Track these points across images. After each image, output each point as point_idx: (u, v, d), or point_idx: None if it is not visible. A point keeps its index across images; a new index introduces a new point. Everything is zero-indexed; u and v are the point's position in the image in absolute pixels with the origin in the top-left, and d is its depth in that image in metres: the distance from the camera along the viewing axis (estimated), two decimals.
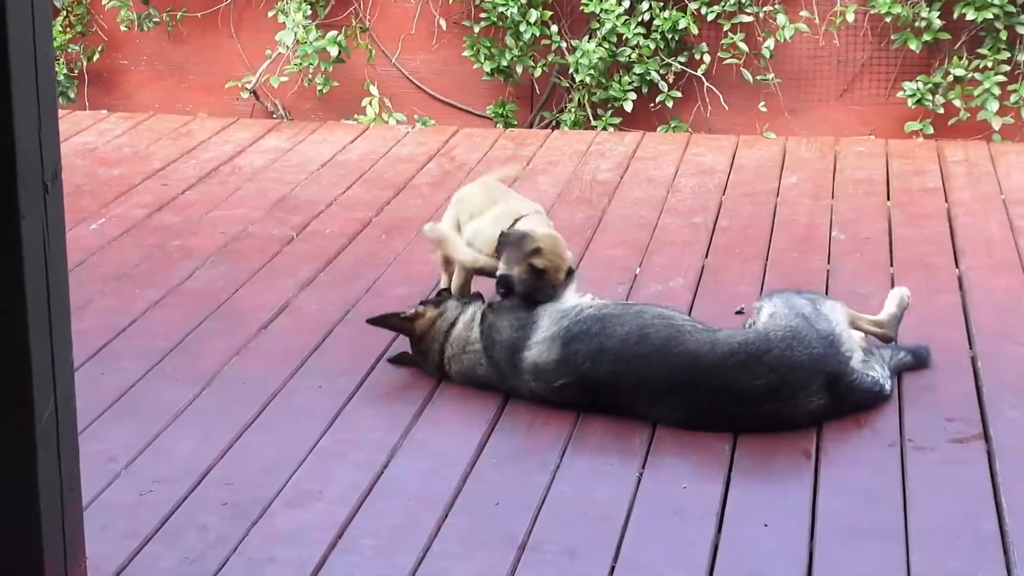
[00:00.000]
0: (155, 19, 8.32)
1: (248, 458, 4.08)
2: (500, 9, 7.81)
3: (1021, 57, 7.54)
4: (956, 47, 7.65)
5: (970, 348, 4.82)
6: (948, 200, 6.57)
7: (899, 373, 4.54)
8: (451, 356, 4.53)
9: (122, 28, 8.34)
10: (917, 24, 7.59)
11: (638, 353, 4.26)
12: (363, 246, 5.95)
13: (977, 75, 7.55)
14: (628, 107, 7.81)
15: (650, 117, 7.94)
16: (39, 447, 2.99)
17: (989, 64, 7.54)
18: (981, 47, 7.59)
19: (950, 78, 7.60)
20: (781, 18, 7.67)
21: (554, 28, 7.88)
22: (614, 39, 7.79)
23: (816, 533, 3.66)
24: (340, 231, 6.13)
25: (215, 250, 5.87)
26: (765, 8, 7.74)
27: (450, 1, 8.05)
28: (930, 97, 7.61)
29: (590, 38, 7.82)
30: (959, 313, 5.14)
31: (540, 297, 4.53)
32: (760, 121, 7.88)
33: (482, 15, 7.92)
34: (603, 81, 7.88)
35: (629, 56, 7.80)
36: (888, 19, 7.63)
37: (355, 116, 8.15)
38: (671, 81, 7.87)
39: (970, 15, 7.46)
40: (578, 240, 5.86)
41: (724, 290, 5.35)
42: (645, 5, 7.77)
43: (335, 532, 3.65)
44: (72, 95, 8.39)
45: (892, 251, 5.84)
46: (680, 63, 7.85)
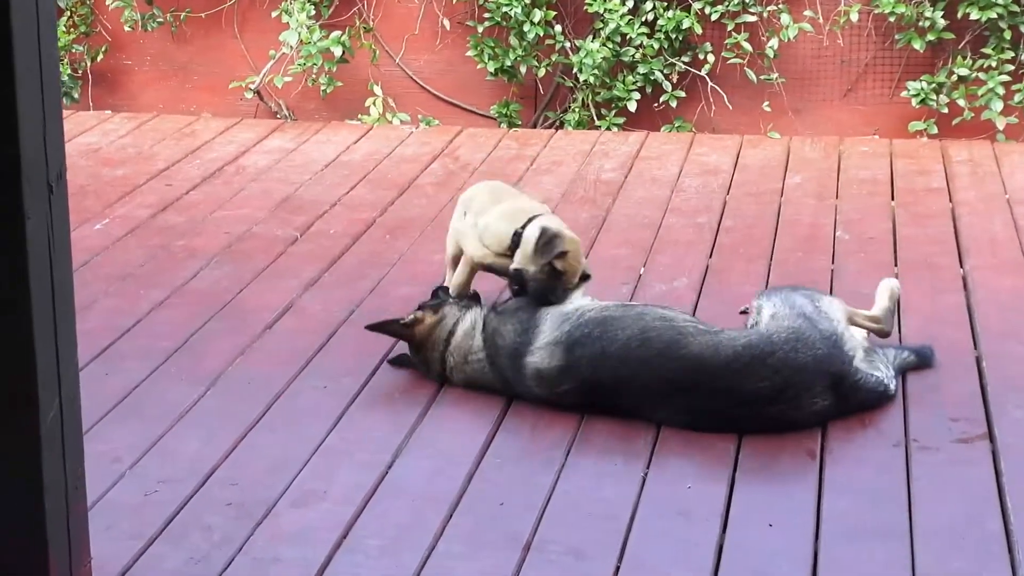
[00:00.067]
0: (159, 19, 8.33)
1: (253, 458, 4.08)
2: (504, 9, 7.81)
3: None
4: (960, 47, 7.65)
5: (975, 348, 4.82)
6: (952, 200, 6.57)
7: (903, 373, 4.54)
8: (454, 366, 4.51)
9: (126, 28, 8.34)
10: (921, 24, 7.58)
11: (641, 357, 4.25)
12: (367, 246, 5.95)
13: (981, 75, 7.54)
14: (632, 107, 7.81)
15: (654, 117, 7.94)
16: (44, 447, 2.99)
17: (993, 64, 7.53)
18: (985, 47, 7.59)
19: (954, 78, 7.60)
20: (785, 18, 7.67)
21: (558, 28, 7.88)
22: (618, 39, 7.79)
23: (821, 533, 3.65)
24: (344, 231, 6.13)
25: (219, 250, 5.87)
26: (769, 8, 7.74)
27: (454, 1, 8.05)
28: (934, 97, 7.61)
29: (594, 38, 7.81)
30: (963, 313, 5.13)
31: (552, 298, 4.52)
32: (764, 121, 7.88)
33: (486, 15, 7.91)
34: (607, 81, 7.87)
35: (633, 56, 7.80)
36: (892, 19, 7.63)
37: (359, 116, 8.15)
38: (675, 81, 7.87)
39: (974, 15, 7.46)
40: (583, 240, 5.80)
41: (728, 290, 5.34)
42: (649, 5, 7.77)
43: (340, 532, 3.65)
44: (76, 95, 8.40)
45: (896, 251, 5.84)
46: (684, 63, 7.84)
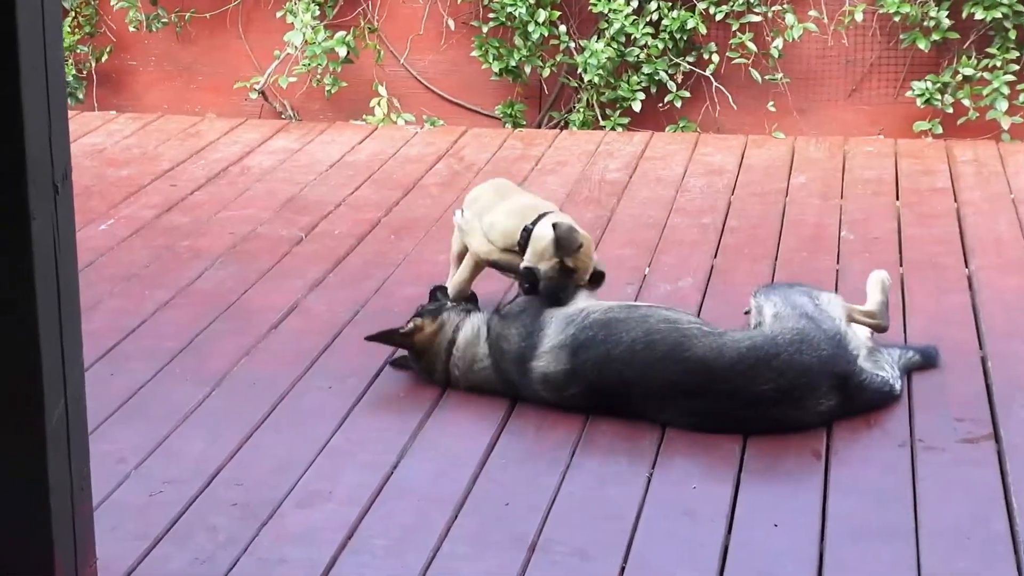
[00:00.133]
0: (163, 20, 8.32)
1: (258, 459, 4.08)
2: (508, 9, 7.81)
3: None
4: (965, 46, 7.64)
5: (980, 348, 4.82)
6: (957, 200, 6.56)
7: (908, 373, 4.54)
8: (459, 376, 4.49)
9: (130, 29, 8.34)
10: (926, 23, 7.58)
11: (645, 360, 4.24)
12: (372, 246, 5.95)
13: (986, 74, 7.54)
14: (637, 107, 7.80)
15: (659, 117, 7.93)
16: (49, 447, 2.99)
17: (998, 63, 7.52)
18: (990, 46, 7.58)
19: (959, 77, 7.59)
20: (790, 18, 7.66)
21: (562, 28, 7.88)
22: (622, 39, 7.78)
23: (826, 533, 3.65)
24: (349, 231, 6.13)
25: (224, 251, 5.87)
26: (774, 8, 7.74)
27: (458, 1, 8.05)
28: (939, 97, 7.60)
29: (598, 38, 7.81)
30: (969, 313, 5.13)
31: (562, 296, 4.51)
32: (769, 121, 7.87)
33: (490, 15, 7.91)
34: (611, 81, 7.87)
35: (637, 56, 7.80)
36: (897, 19, 7.62)
37: (364, 116, 8.15)
38: (680, 81, 7.86)
39: (979, 14, 7.45)
40: None
41: (733, 290, 5.34)
42: (653, 5, 7.77)
43: (345, 532, 3.65)
44: (81, 96, 8.40)
45: (901, 251, 5.84)
46: (689, 63, 7.84)
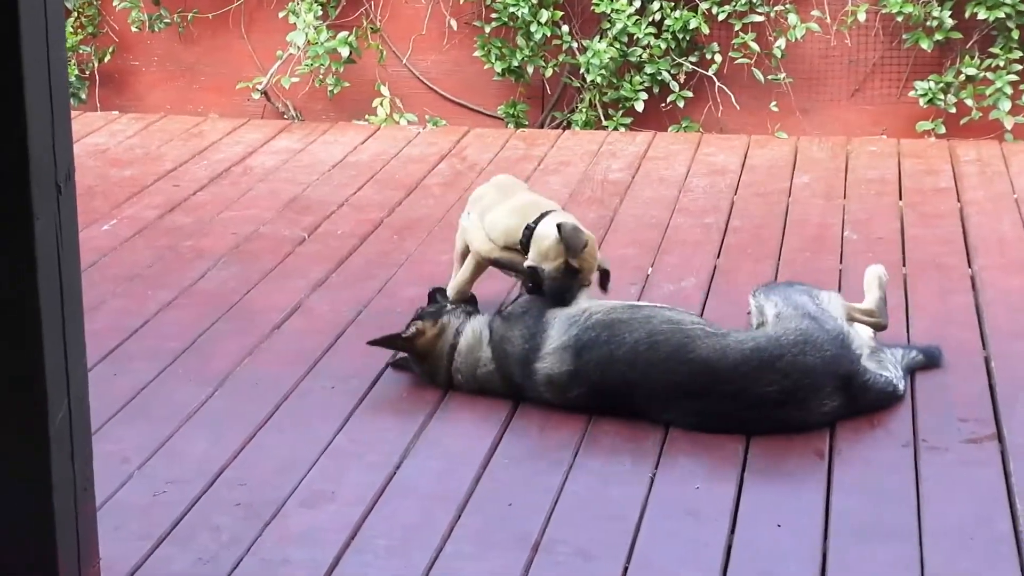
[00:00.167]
0: (166, 20, 8.33)
1: (261, 459, 4.08)
2: (511, 9, 7.81)
3: None
4: (968, 46, 7.64)
5: (983, 348, 4.81)
6: (960, 200, 6.56)
7: (911, 373, 4.53)
8: (463, 380, 4.47)
9: (133, 29, 8.34)
10: (929, 23, 7.57)
11: (649, 361, 4.24)
12: (375, 246, 5.95)
13: (989, 74, 7.53)
14: (639, 107, 7.80)
15: (661, 117, 7.93)
16: (53, 447, 2.99)
17: (1001, 63, 7.52)
18: (993, 46, 7.58)
19: (962, 77, 7.59)
20: (792, 18, 7.66)
21: (565, 28, 7.88)
22: (625, 39, 7.78)
23: (830, 533, 3.65)
24: (352, 232, 6.13)
25: (227, 251, 5.87)
26: (776, 8, 7.73)
27: (461, 1, 8.05)
28: (942, 97, 7.60)
29: (601, 38, 7.81)
30: (972, 313, 5.13)
31: (567, 297, 4.51)
32: (772, 121, 7.87)
33: (493, 15, 7.91)
34: (614, 81, 7.87)
35: (640, 56, 7.79)
36: (900, 18, 7.61)
37: (366, 117, 8.15)
38: (682, 81, 7.86)
39: (982, 14, 7.45)
40: None
41: (736, 290, 5.33)
42: (656, 5, 7.77)
43: (348, 532, 3.65)
44: (83, 96, 8.40)
45: (904, 251, 5.83)
46: (691, 63, 7.84)
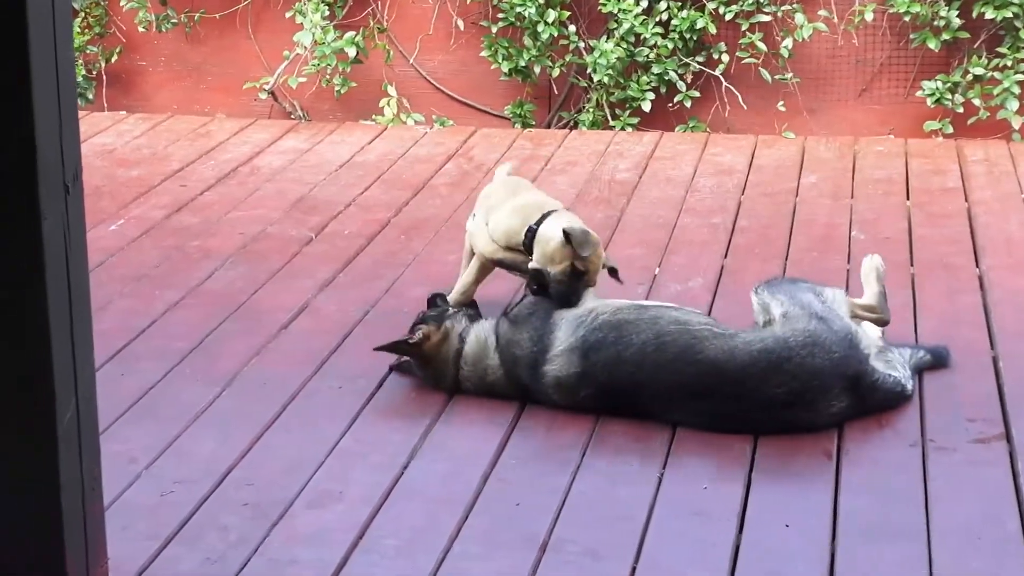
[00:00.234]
0: (173, 20, 8.34)
1: (268, 459, 4.08)
2: (518, 9, 7.81)
3: None
4: (975, 46, 7.63)
5: (991, 348, 4.81)
6: (968, 200, 6.55)
7: (919, 373, 4.52)
8: (471, 387, 4.46)
9: (140, 29, 8.35)
10: (936, 23, 7.57)
11: (656, 362, 4.23)
12: (382, 246, 5.95)
13: (996, 74, 7.53)
14: (646, 107, 7.80)
15: (668, 117, 7.93)
16: (61, 447, 2.99)
17: (1009, 63, 7.51)
18: (1000, 46, 7.57)
19: (969, 77, 7.58)
20: (799, 17, 7.65)
21: (572, 28, 7.88)
22: (632, 39, 7.78)
23: (838, 533, 3.65)
24: (359, 232, 6.13)
25: (234, 251, 5.87)
26: (783, 7, 7.73)
27: (468, 1, 8.05)
28: (949, 96, 7.59)
29: (608, 38, 7.81)
30: (980, 313, 5.12)
31: (573, 299, 4.51)
32: (779, 121, 7.86)
33: (500, 15, 7.91)
34: (621, 81, 7.87)
35: (647, 56, 7.79)
36: (907, 18, 7.61)
37: (373, 117, 8.16)
38: (689, 81, 7.86)
39: (989, 14, 7.44)
40: None
41: (743, 290, 5.29)
42: (663, 5, 7.77)
43: (356, 533, 3.65)
44: (90, 96, 8.41)
45: (912, 251, 5.83)
46: (698, 63, 7.83)
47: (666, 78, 7.80)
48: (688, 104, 7.83)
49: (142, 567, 3.50)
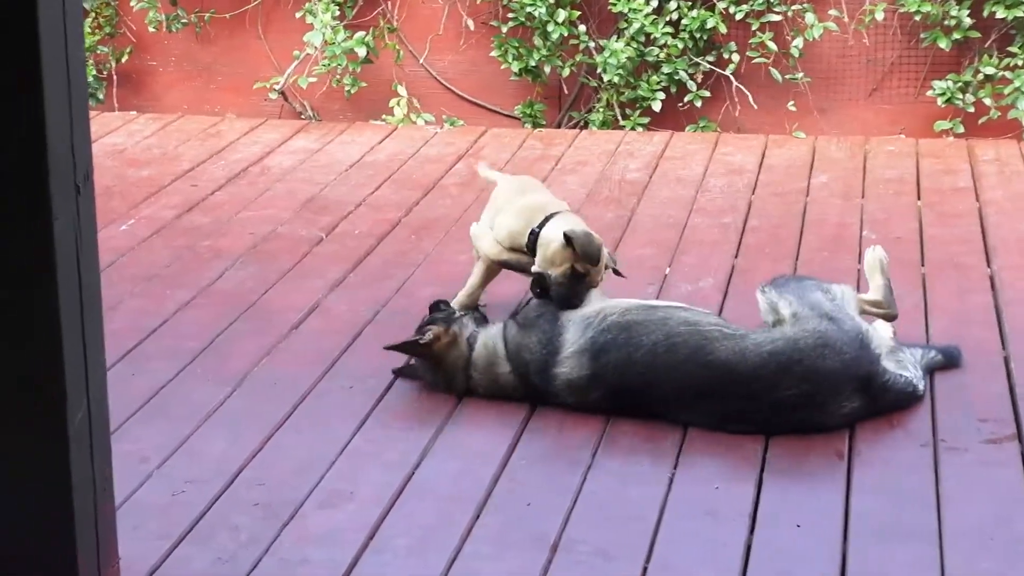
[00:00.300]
0: (183, 20, 8.34)
1: (279, 459, 4.08)
2: (528, 9, 7.80)
3: None
4: (986, 45, 7.62)
5: (1003, 348, 4.80)
6: (979, 199, 6.54)
7: (930, 373, 4.52)
8: (483, 392, 4.45)
9: (150, 29, 8.35)
10: (947, 22, 7.55)
11: (667, 363, 4.22)
12: (392, 246, 5.95)
13: (1008, 74, 7.51)
14: (656, 107, 7.79)
15: (678, 117, 7.92)
16: (72, 447, 2.99)
17: (1020, 63, 7.49)
18: (1012, 45, 7.55)
19: (980, 77, 7.57)
20: (810, 17, 7.64)
21: (582, 28, 7.87)
22: (642, 39, 7.77)
23: (849, 534, 3.64)
24: (369, 231, 6.13)
25: (245, 251, 5.88)
26: (794, 7, 7.72)
27: (478, 1, 8.05)
28: (960, 96, 7.58)
29: (618, 38, 7.80)
30: (991, 313, 5.11)
31: (575, 301, 4.50)
32: (789, 120, 7.85)
33: (510, 15, 7.91)
34: (631, 81, 7.86)
35: (657, 56, 7.79)
36: (918, 17, 7.60)
37: (383, 117, 8.15)
38: (699, 81, 7.85)
39: (1000, 13, 7.43)
40: (608, 240, 5.80)
41: (754, 290, 5.28)
42: (673, 4, 7.76)
43: (367, 533, 3.65)
44: (101, 96, 8.41)
45: (923, 251, 5.82)
46: (708, 62, 7.83)
47: (676, 78, 7.79)
48: (698, 104, 7.82)
49: (153, 567, 3.50)
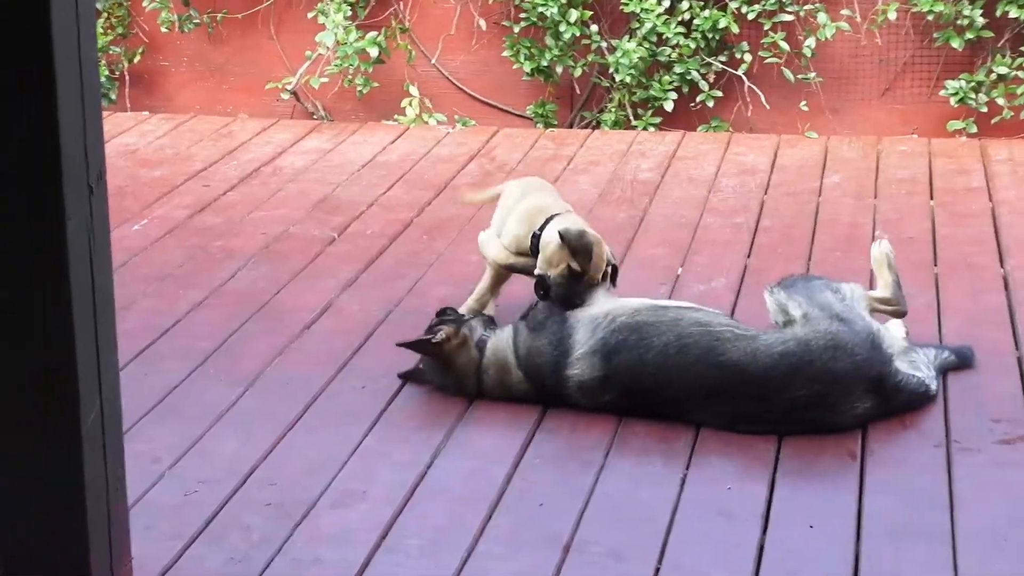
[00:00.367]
0: (195, 20, 8.35)
1: (291, 459, 4.08)
2: (540, 9, 7.80)
3: None
4: (999, 45, 7.60)
5: (1016, 348, 4.79)
6: (992, 199, 6.53)
7: (943, 373, 4.51)
8: (496, 397, 4.44)
9: (163, 30, 8.36)
10: (959, 22, 7.54)
11: (679, 364, 4.22)
12: (404, 246, 5.95)
13: (1020, 73, 7.49)
14: (668, 107, 7.79)
15: (691, 117, 7.92)
16: (85, 448, 2.99)
17: None
18: None
19: (993, 76, 7.55)
20: (822, 17, 7.63)
21: (594, 28, 7.87)
22: (654, 39, 7.77)
23: (862, 534, 3.64)
24: (381, 231, 6.13)
25: (257, 251, 5.88)
26: (806, 7, 7.71)
27: (490, 1, 8.05)
28: (973, 96, 7.56)
29: (630, 38, 7.80)
30: (1004, 313, 5.10)
31: (576, 300, 4.50)
32: (801, 120, 7.84)
33: (522, 15, 7.91)
34: (643, 81, 7.85)
35: (669, 56, 7.78)
36: (930, 17, 7.58)
37: (395, 117, 8.16)
38: (712, 80, 7.84)
39: (1013, 12, 7.42)
40: (620, 240, 5.85)
41: None
42: (685, 4, 7.75)
43: (379, 532, 3.65)
44: (113, 97, 8.43)
45: (936, 251, 5.81)
46: (721, 62, 7.82)
47: (688, 78, 7.79)
48: (710, 104, 7.82)
49: (166, 567, 3.51)
